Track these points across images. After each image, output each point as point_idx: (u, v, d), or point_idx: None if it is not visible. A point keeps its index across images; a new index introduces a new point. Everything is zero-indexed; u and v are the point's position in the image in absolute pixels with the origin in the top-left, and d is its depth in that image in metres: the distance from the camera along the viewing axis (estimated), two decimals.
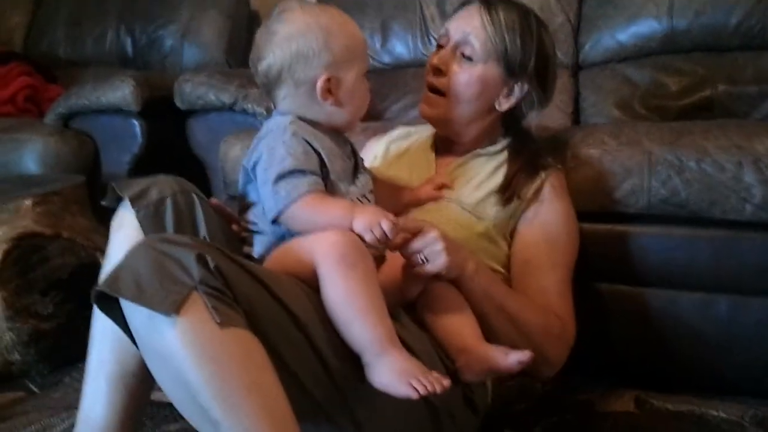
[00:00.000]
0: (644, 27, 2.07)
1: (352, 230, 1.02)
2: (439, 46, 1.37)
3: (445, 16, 2.29)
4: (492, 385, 1.26)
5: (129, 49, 2.85)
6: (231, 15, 2.76)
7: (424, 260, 1.10)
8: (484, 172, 1.35)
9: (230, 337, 0.87)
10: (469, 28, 1.32)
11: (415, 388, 0.93)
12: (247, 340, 0.89)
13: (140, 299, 0.86)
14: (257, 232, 1.13)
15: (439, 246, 1.10)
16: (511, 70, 1.32)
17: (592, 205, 1.44)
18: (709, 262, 1.43)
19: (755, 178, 1.35)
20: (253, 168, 1.10)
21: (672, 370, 1.53)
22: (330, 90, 1.11)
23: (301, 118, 1.11)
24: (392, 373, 0.96)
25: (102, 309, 0.95)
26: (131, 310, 0.89)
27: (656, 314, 1.48)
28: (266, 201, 1.08)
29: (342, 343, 1.00)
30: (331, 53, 1.09)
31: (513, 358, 1.07)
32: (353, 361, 1.00)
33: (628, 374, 1.56)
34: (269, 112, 2.02)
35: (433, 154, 1.43)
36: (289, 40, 1.09)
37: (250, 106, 2.04)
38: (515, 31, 1.31)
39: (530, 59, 1.32)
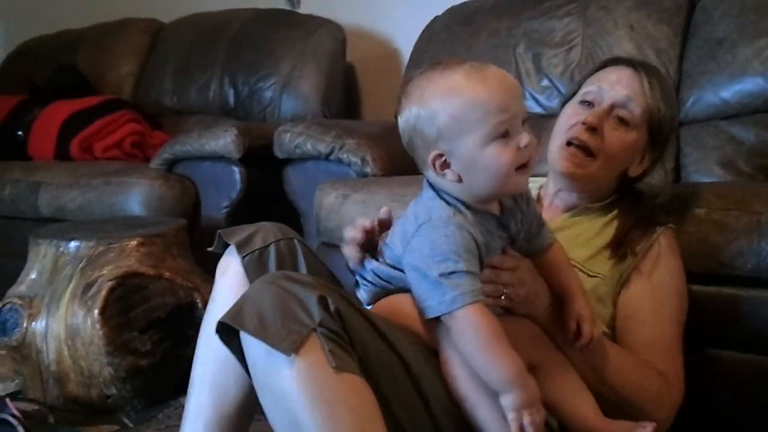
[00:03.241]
0: (750, 84, 2.00)
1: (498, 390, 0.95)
2: (585, 102, 1.32)
3: (541, 71, 2.30)
4: None
5: (231, 99, 2.95)
6: (327, 68, 2.84)
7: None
8: (593, 229, 1.31)
9: (344, 383, 0.88)
10: (631, 93, 1.28)
11: None
12: (360, 387, 0.89)
13: (261, 335, 0.89)
14: (366, 283, 1.11)
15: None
16: (656, 139, 1.31)
17: (697, 267, 1.38)
18: None
19: None
20: (409, 254, 1.00)
21: None
22: (447, 164, 0.99)
23: (458, 200, 1.02)
24: None
25: (222, 339, 0.97)
26: (250, 343, 0.91)
27: None
28: (426, 298, 0.98)
29: (452, 401, 0.99)
30: (435, 128, 0.97)
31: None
32: (462, 420, 0.98)
33: None
34: (364, 162, 2.08)
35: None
36: (407, 116, 1.00)
37: (345, 156, 2.09)
38: (669, 102, 1.30)
39: (673, 130, 1.31)
